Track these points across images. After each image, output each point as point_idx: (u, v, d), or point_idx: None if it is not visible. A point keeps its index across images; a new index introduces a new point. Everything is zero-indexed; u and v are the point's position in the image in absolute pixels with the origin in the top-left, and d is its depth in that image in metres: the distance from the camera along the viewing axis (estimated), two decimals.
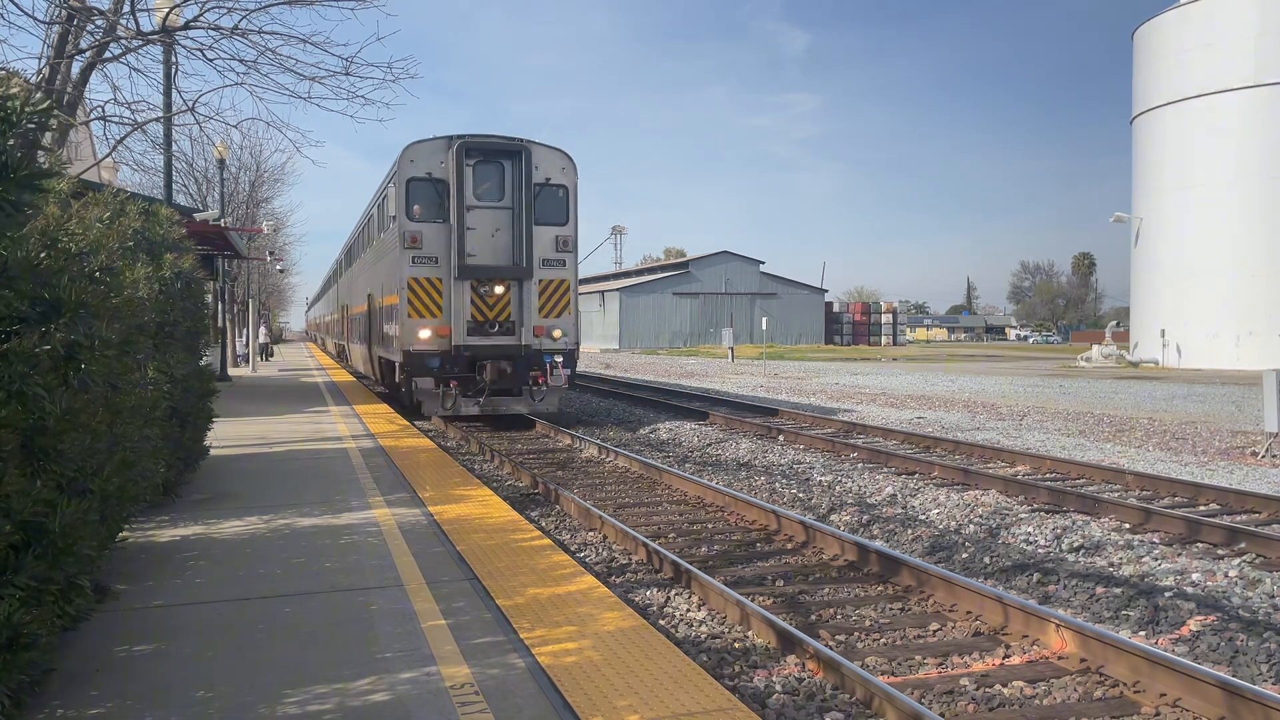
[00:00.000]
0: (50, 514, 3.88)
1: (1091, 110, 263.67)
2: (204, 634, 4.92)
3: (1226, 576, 7.46)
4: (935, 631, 6.45)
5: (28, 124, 3.52)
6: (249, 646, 4.73)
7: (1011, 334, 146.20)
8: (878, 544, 8.33)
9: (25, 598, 3.70)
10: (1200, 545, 8.64)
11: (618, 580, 7.61)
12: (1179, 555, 8.22)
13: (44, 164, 4.32)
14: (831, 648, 6.01)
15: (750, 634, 6.27)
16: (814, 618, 6.72)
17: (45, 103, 3.61)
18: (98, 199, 6.89)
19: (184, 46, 11.45)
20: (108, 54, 11.13)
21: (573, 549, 8.66)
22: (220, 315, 28.51)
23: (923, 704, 5.12)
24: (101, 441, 4.76)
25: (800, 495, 11.43)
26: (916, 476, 12.25)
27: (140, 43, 11.03)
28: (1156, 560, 7.99)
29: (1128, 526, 9.29)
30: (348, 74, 10.51)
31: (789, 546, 8.72)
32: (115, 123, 11.59)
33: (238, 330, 40.59)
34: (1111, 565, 7.95)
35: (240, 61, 10.76)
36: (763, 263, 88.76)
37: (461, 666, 4.39)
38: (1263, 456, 14.50)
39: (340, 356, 39.37)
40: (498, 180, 17.11)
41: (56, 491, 4.14)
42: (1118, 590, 7.12)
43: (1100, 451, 15.04)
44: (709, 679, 4.27)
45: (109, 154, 13.01)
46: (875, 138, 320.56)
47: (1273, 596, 6.98)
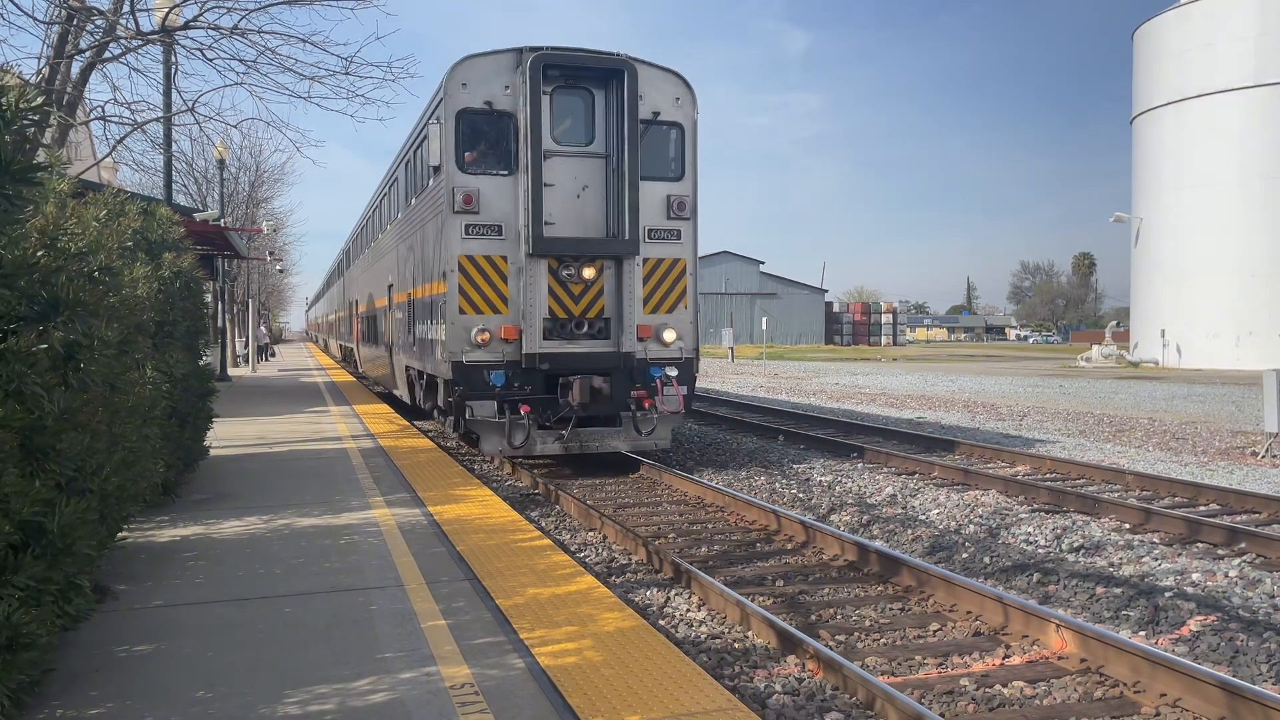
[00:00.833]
0: (49, 514, 3.88)
1: (1091, 110, 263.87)
2: (204, 634, 4.92)
3: (1226, 576, 7.45)
4: (935, 631, 6.44)
5: (23, 120, 3.51)
6: (249, 646, 4.73)
7: (1011, 334, 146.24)
8: (878, 544, 8.33)
9: (24, 598, 3.69)
10: (1200, 545, 8.63)
11: (618, 580, 7.61)
12: (1179, 555, 8.22)
13: (42, 161, 4.32)
14: (831, 648, 6.00)
15: (750, 634, 6.27)
16: (814, 618, 6.72)
17: (40, 99, 3.60)
18: (97, 199, 6.89)
19: (184, 46, 11.45)
20: (107, 54, 11.13)
21: (573, 549, 8.66)
22: (220, 315, 28.49)
23: (923, 704, 5.12)
24: (101, 441, 4.76)
25: (800, 495, 11.43)
26: (916, 476, 12.26)
27: (140, 43, 11.03)
28: (1156, 560, 7.98)
29: (1128, 526, 9.28)
30: (347, 73, 10.52)
31: (789, 547, 8.72)
32: (115, 123, 11.60)
33: (238, 330, 40.58)
34: (1111, 565, 7.94)
35: (240, 61, 10.77)
36: (762, 263, 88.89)
37: (461, 667, 4.38)
38: (1263, 456, 14.49)
39: (347, 361, 35.44)
40: (585, 115, 12.01)
41: (55, 491, 4.14)
42: (1118, 590, 7.11)
43: (1100, 451, 15.04)
44: (709, 679, 4.26)
45: (109, 154, 13.01)
46: (875, 138, 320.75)
47: (1273, 597, 6.97)
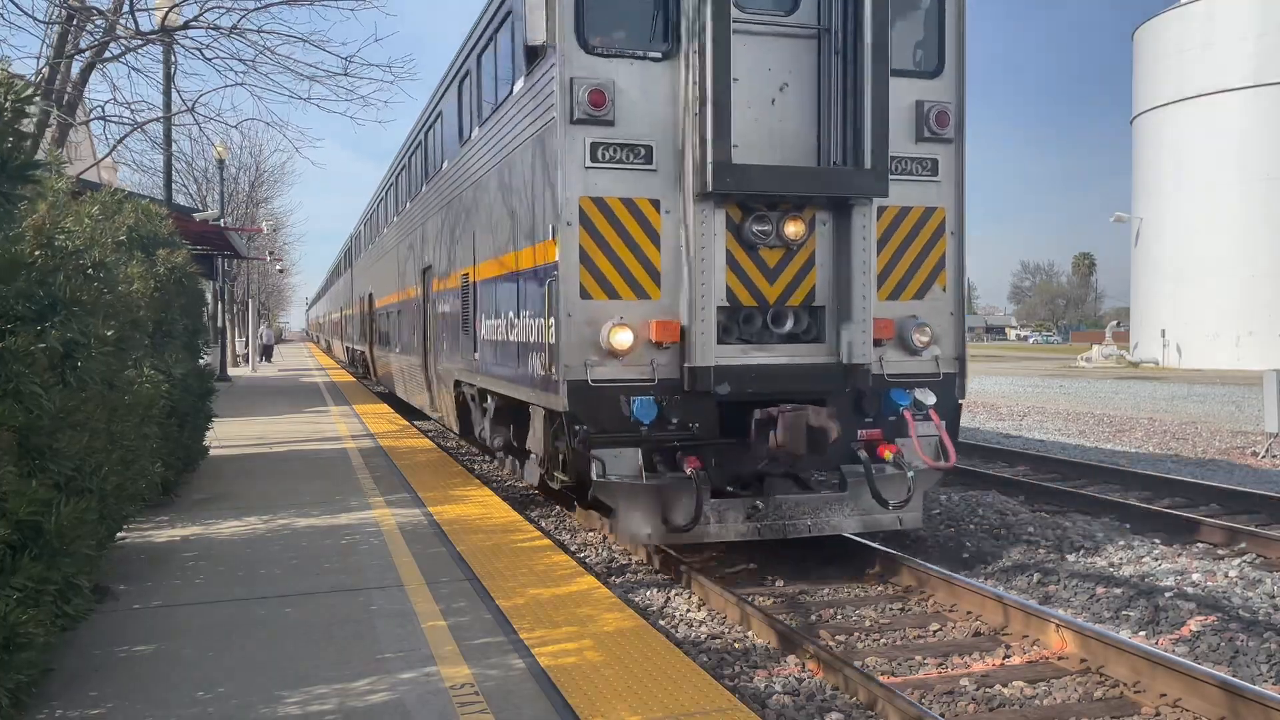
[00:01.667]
0: (47, 513, 3.87)
1: (1092, 110, 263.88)
2: (204, 634, 4.91)
3: (1227, 577, 7.45)
4: (935, 632, 6.44)
5: (13, 111, 3.50)
6: (249, 646, 4.72)
7: (1011, 334, 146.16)
8: (876, 544, 8.32)
9: (23, 598, 3.69)
10: (1200, 545, 8.63)
11: (618, 581, 7.60)
12: (1179, 555, 8.21)
13: (41, 159, 4.31)
14: (831, 648, 6.00)
15: (750, 634, 6.27)
16: (814, 618, 6.72)
17: (30, 88, 3.59)
18: (95, 198, 6.89)
19: (183, 46, 11.47)
20: (107, 54, 11.14)
21: (573, 549, 8.65)
22: (220, 315, 28.49)
23: (923, 704, 5.11)
24: (99, 440, 4.75)
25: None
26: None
27: (140, 43, 11.04)
28: (1156, 560, 7.98)
29: (1128, 526, 9.28)
30: (347, 74, 10.54)
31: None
32: (115, 123, 11.62)
33: (238, 330, 40.59)
34: (1111, 565, 7.94)
35: (240, 61, 10.79)
36: None
37: (461, 667, 4.38)
38: (1263, 456, 14.49)
39: (356, 365, 30.37)
40: None
41: (54, 490, 4.13)
42: (1118, 590, 7.11)
43: (1100, 452, 15.04)
44: (709, 679, 4.26)
45: (109, 154, 13.03)
46: None
47: (1273, 597, 6.97)
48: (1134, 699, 5.25)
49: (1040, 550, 8.32)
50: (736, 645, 6.08)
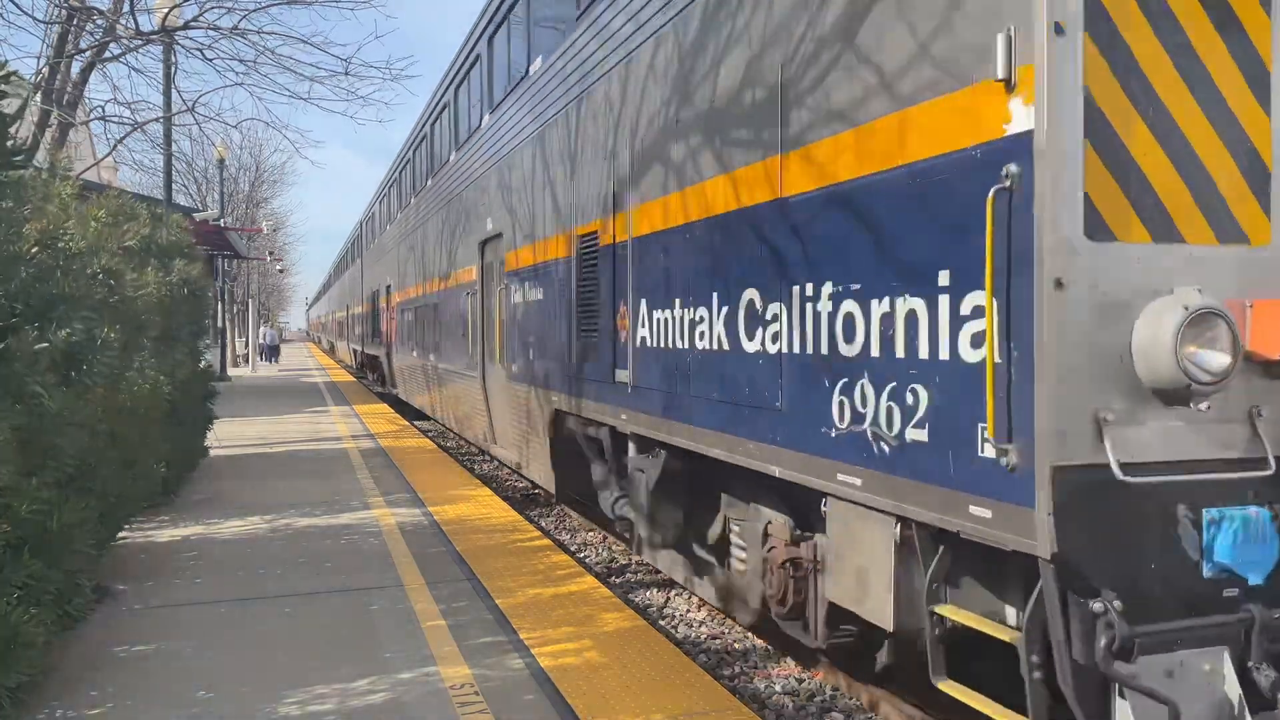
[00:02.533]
0: (49, 513, 3.88)
1: None
2: (204, 634, 4.91)
3: None
4: None
5: None
6: (249, 646, 4.73)
7: None
8: None
9: (23, 596, 3.69)
10: None
11: (618, 581, 7.60)
12: None
13: (24, 144, 4.28)
14: None
15: (750, 634, 6.26)
16: None
17: (6, 65, 3.58)
18: (102, 200, 6.90)
19: (183, 46, 11.48)
20: (107, 54, 11.15)
21: (573, 549, 8.65)
22: (220, 315, 28.51)
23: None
24: (101, 441, 4.76)
25: None
26: None
27: (140, 43, 11.05)
28: None
29: None
30: (347, 74, 10.55)
31: None
32: (115, 123, 11.64)
33: (238, 330, 40.60)
34: None
35: (240, 61, 10.81)
36: None
37: (461, 667, 4.38)
38: None
39: (368, 371, 27.28)
40: None
41: (56, 490, 4.14)
42: None
43: None
44: (709, 680, 4.26)
45: (109, 154, 13.04)
46: None
47: None
48: None
49: None
50: (737, 645, 6.08)
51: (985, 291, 2.99)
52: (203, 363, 10.27)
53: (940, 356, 3.25)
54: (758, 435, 4.43)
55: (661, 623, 6.54)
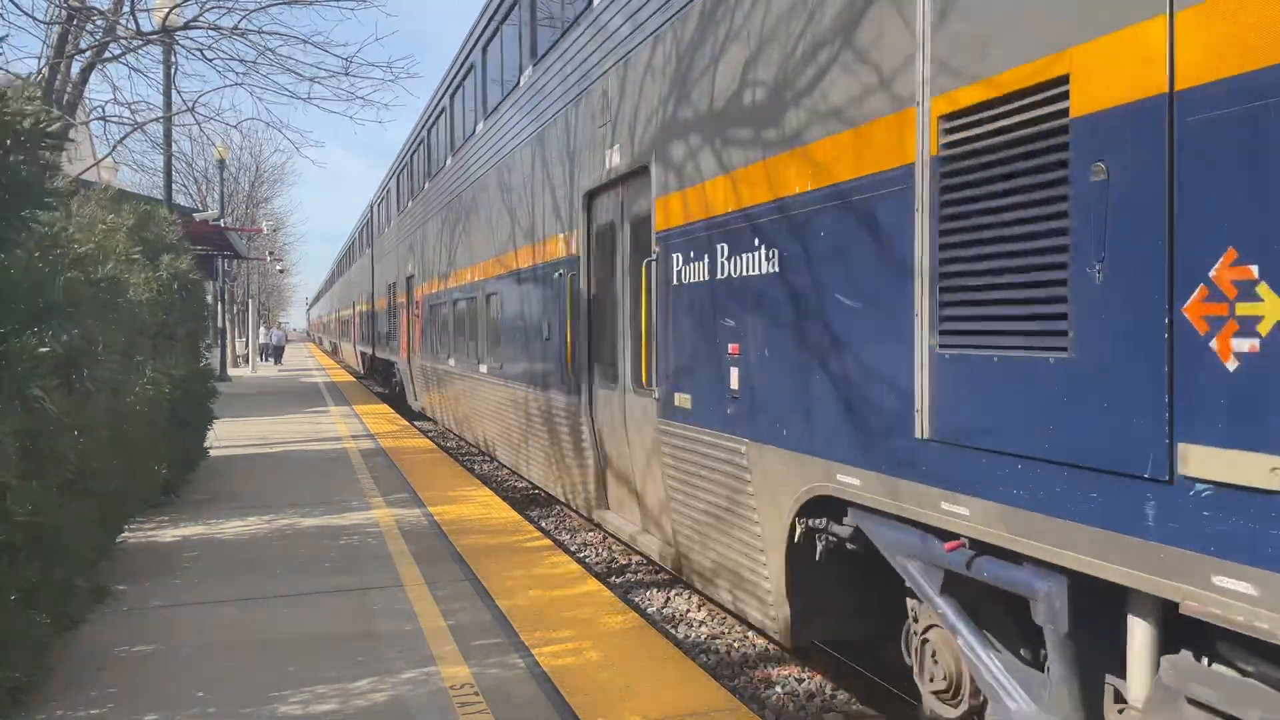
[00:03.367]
0: (49, 515, 3.88)
1: None
2: (204, 634, 4.92)
3: None
4: None
5: (41, 144, 3.51)
6: (249, 646, 4.73)
7: None
8: None
9: (23, 598, 3.70)
10: None
11: (618, 581, 7.61)
12: None
13: (58, 185, 4.28)
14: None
15: (750, 635, 6.27)
16: None
17: (60, 121, 3.59)
18: (90, 194, 6.89)
19: (184, 47, 11.48)
20: (107, 54, 11.15)
21: (573, 549, 8.66)
22: (220, 315, 28.51)
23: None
24: (102, 444, 4.76)
25: None
26: None
27: (140, 43, 11.05)
28: None
29: None
30: (347, 74, 10.55)
31: None
32: (115, 123, 11.64)
33: (238, 330, 40.60)
34: None
35: (240, 61, 10.81)
36: None
37: (461, 667, 4.39)
38: None
39: (378, 376, 23.64)
40: None
41: (56, 492, 4.14)
42: None
43: None
44: (709, 680, 4.26)
45: (109, 154, 13.04)
46: None
47: None
48: None
49: None
50: (737, 646, 6.08)
51: None
52: (202, 362, 10.28)
53: None
54: None
55: (661, 623, 6.55)
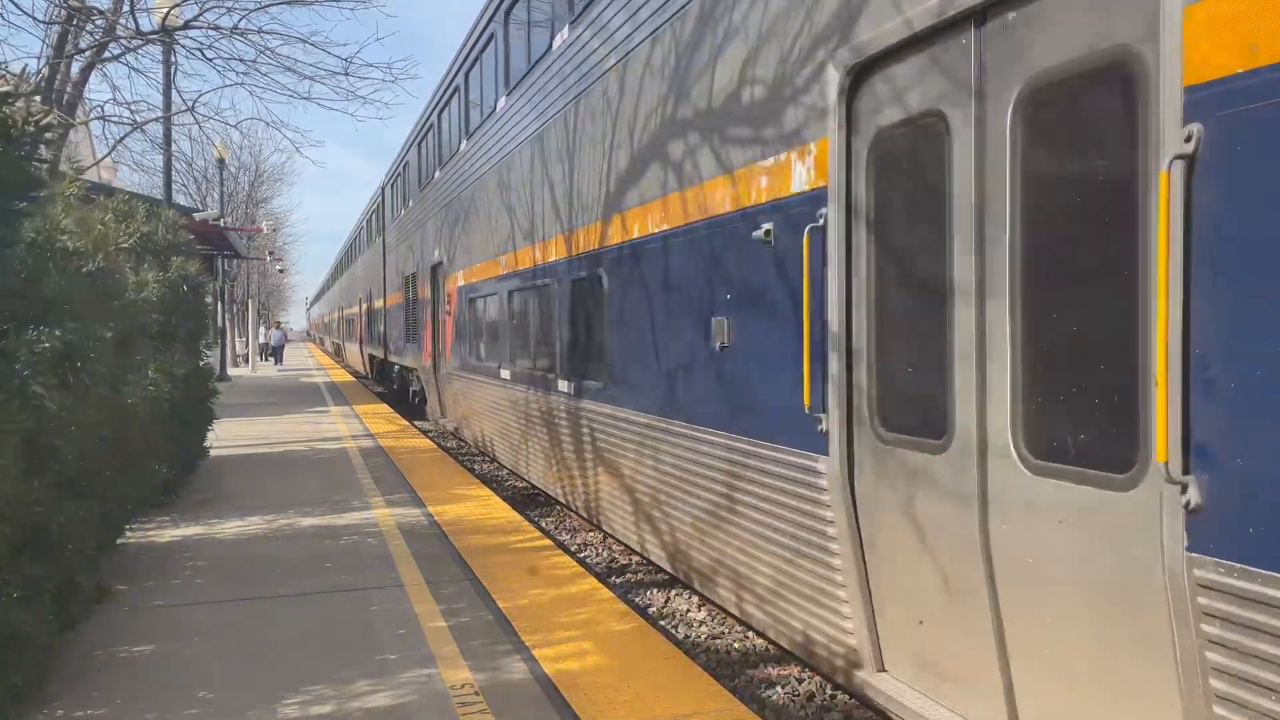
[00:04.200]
0: (50, 514, 3.88)
1: None
2: (204, 634, 4.92)
3: None
4: None
5: (30, 136, 3.51)
6: (250, 647, 4.73)
7: None
8: None
9: (24, 597, 3.69)
10: None
11: (618, 581, 7.61)
12: None
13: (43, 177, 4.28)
14: None
15: (750, 635, 6.26)
16: None
17: (49, 114, 3.60)
18: (105, 204, 6.90)
19: (183, 46, 11.48)
20: (107, 54, 11.14)
21: (573, 549, 8.65)
22: (220, 315, 28.50)
23: None
24: (102, 443, 4.76)
25: None
26: None
27: (140, 43, 11.04)
28: None
29: None
30: (347, 74, 10.55)
31: None
32: (115, 123, 11.64)
33: (238, 330, 40.57)
34: None
35: (240, 61, 10.81)
36: None
37: (462, 667, 4.38)
38: None
39: (390, 382, 20.71)
40: None
41: (56, 491, 4.14)
42: None
43: None
44: (709, 680, 4.26)
45: (109, 154, 13.03)
46: None
47: None
48: None
49: None
50: (737, 646, 6.08)
51: None
52: (203, 362, 10.27)
53: None
54: None
55: (662, 623, 6.54)
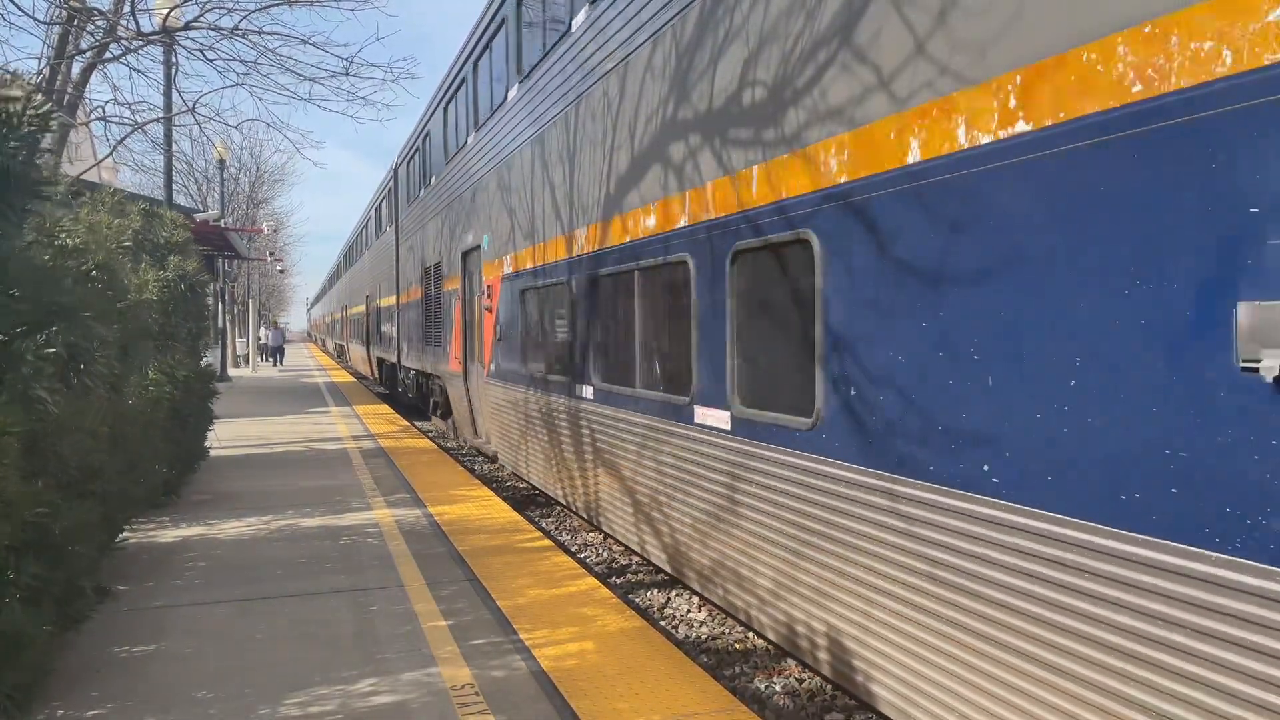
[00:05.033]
0: (51, 516, 3.88)
1: None
2: (204, 634, 4.92)
3: None
4: None
5: (30, 128, 3.52)
6: (249, 647, 4.73)
7: None
8: None
9: (26, 598, 3.70)
10: None
11: (618, 581, 7.61)
12: None
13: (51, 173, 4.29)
14: None
15: (751, 635, 6.27)
16: None
17: (47, 105, 3.60)
18: (95, 198, 6.89)
19: (184, 47, 11.49)
20: (108, 54, 11.16)
21: (573, 549, 8.66)
22: (220, 316, 28.51)
23: None
24: (103, 444, 4.76)
25: None
26: None
27: (140, 43, 11.06)
28: None
29: None
30: (348, 74, 10.56)
31: None
32: (115, 123, 11.65)
33: (238, 330, 40.58)
34: None
35: (240, 62, 10.83)
36: None
37: (462, 668, 4.39)
38: None
39: (409, 392, 19.15)
40: None
41: (58, 493, 4.14)
42: None
43: None
44: (710, 680, 4.27)
45: (109, 154, 13.04)
46: None
47: None
48: None
49: None
50: (737, 646, 6.09)
51: None
52: (203, 362, 10.28)
53: None
54: None
55: (662, 623, 6.55)
